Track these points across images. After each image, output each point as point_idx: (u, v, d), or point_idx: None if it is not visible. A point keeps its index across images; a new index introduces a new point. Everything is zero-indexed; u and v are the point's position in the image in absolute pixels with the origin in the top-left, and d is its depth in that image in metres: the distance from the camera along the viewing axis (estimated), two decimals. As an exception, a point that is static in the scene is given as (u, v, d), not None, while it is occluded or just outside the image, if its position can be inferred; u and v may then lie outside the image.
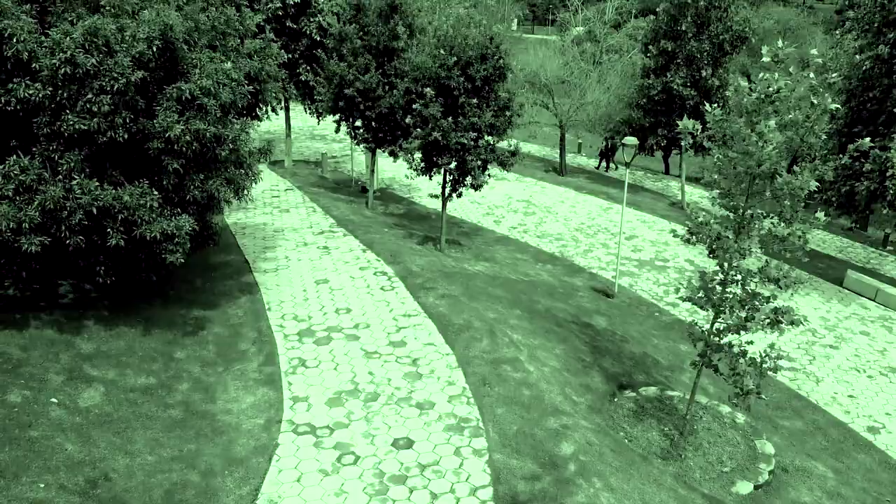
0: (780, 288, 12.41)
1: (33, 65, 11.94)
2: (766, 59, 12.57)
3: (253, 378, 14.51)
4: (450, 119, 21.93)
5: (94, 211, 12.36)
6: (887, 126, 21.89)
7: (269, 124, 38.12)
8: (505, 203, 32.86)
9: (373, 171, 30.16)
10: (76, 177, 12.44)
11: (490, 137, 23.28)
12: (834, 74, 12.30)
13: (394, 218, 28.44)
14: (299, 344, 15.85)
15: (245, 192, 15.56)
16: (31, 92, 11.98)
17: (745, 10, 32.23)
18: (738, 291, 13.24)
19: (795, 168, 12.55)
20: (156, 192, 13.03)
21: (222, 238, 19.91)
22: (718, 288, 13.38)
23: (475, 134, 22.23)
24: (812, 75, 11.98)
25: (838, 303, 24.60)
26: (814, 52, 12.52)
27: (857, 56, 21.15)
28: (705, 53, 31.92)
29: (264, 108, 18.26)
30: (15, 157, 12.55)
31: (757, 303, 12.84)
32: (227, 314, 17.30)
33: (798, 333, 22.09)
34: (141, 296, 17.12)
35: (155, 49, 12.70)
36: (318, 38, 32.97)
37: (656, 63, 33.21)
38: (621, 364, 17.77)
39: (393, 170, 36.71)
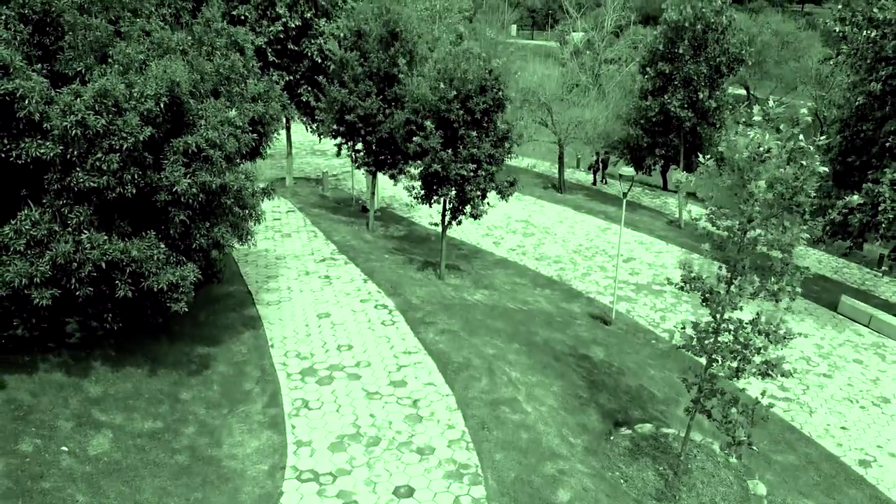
0: (770, 342, 12.76)
1: (45, 125, 12.28)
2: (756, 117, 12.90)
3: (257, 420, 14.86)
4: (449, 151, 22.27)
5: (103, 265, 12.72)
6: (879, 158, 22.24)
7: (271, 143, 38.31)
8: (504, 223, 33.20)
9: (373, 193, 30.49)
10: (86, 231, 12.78)
11: (489, 167, 23.62)
12: (822, 138, 12.62)
13: (394, 241, 28.78)
14: (302, 383, 16.20)
15: (249, 236, 15.89)
16: (42, 151, 12.32)
17: (741, 32, 32.54)
18: (731, 340, 13.57)
19: (786, 222, 12.89)
20: (162, 246, 13.38)
21: (225, 266, 20.23)
22: (712, 337, 13.72)
23: (474, 166, 22.57)
24: (802, 138, 12.31)
25: (832, 329, 24.95)
26: (804, 110, 12.85)
27: (849, 92, 21.49)
28: (702, 75, 32.26)
29: (267, 148, 18.56)
30: (27, 210, 12.89)
31: (748, 353, 13.18)
32: (231, 351, 17.64)
33: (793, 362, 22.43)
34: (147, 332, 17.45)
35: (162, 105, 13.04)
36: (319, 61, 33.35)
37: (654, 84, 33.56)
38: (617, 399, 18.12)
39: (393, 188, 37.00)
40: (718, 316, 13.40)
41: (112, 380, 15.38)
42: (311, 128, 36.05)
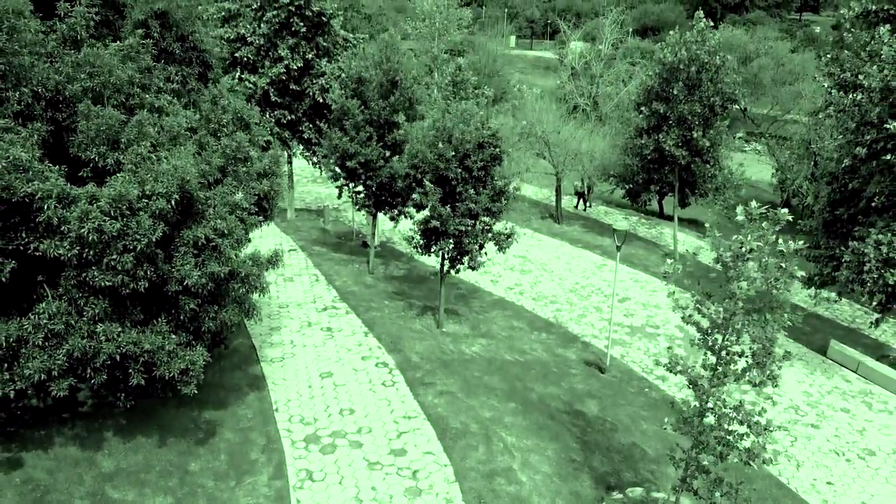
0: (752, 433, 13.41)
1: (62, 227, 12.92)
2: (740, 217, 13.55)
3: (263, 494, 15.49)
4: (448, 207, 22.90)
5: (118, 357, 13.37)
6: (866, 214, 22.86)
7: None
8: (501, 259, 33.82)
9: (373, 234, 31.11)
10: (101, 325, 13.43)
11: (487, 219, 24.25)
12: (800, 242, 13.26)
13: (394, 283, 29.40)
14: (306, 452, 16.84)
15: (255, 311, 16.53)
16: (60, 252, 12.96)
17: (734, 72, 33.14)
18: (715, 423, 14.19)
19: (767, 315, 13.53)
20: (173, 337, 14.03)
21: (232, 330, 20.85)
22: (697, 419, 14.35)
23: (472, 221, 23.20)
24: (781, 242, 12.96)
25: (821, 374, 25.59)
26: (784, 210, 13.49)
27: (836, 153, 22.11)
28: (696, 115, 32.85)
29: (271, 212, 19.13)
30: (45, 303, 13.54)
31: (732, 439, 13.83)
32: (237, 415, 18.27)
33: (782, 411, 23.08)
34: (155, 395, 18.08)
35: (173, 202, 13.67)
36: (321, 101, 33.99)
37: (648, 123, 34.15)
38: (610, 460, 18.76)
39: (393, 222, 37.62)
40: (702, 402, 14.03)
41: (124, 452, 16.02)
42: (312, 162, 36.75)
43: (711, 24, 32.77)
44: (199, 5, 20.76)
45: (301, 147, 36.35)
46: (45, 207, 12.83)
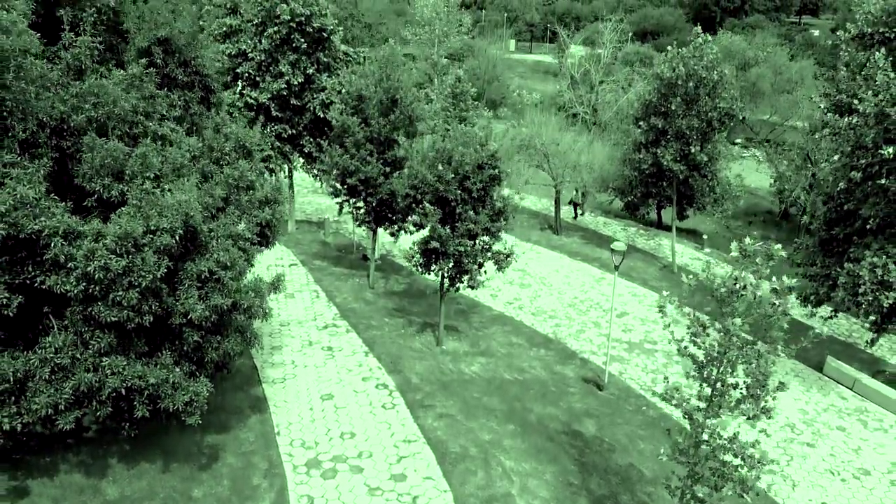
0: (746, 466, 13.65)
1: (69, 264, 13.15)
2: (734, 253, 13.79)
3: (265, 520, 15.74)
4: (447, 228, 23.14)
5: (123, 391, 13.62)
6: (861, 235, 23.10)
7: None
8: (501, 273, 33.99)
9: (373, 248, 31.34)
10: (106, 359, 13.68)
11: (487, 239, 24.48)
12: (794, 280, 13.50)
13: (394, 298, 29.64)
14: (307, 477, 17.08)
15: (256, 340, 16.78)
16: (66, 288, 13.21)
17: (732, 88, 33.37)
18: (709, 453, 14.42)
19: (761, 346, 13.76)
20: (177, 370, 14.28)
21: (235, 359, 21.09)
22: (692, 449, 14.59)
23: (472, 242, 23.44)
24: (776, 280, 13.20)
25: (818, 392, 25.82)
26: (777, 246, 13.73)
27: (831, 176, 22.35)
28: (694, 130, 33.09)
29: (273, 240, 19.37)
30: (51, 337, 13.79)
31: (726, 471, 14.07)
32: (239, 439, 18.52)
33: (778, 429, 23.31)
34: (159, 419, 18.33)
35: (178, 237, 13.91)
36: (322, 115, 34.24)
37: (647, 137, 34.38)
38: (608, 482, 19.00)
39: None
40: (697, 434, 14.27)
41: (128, 479, 16.27)
42: (312, 174, 37.00)
43: (708, 39, 32.91)
44: (201, 31, 20.96)
45: (302, 160, 36.62)
46: (52, 245, 13.07)
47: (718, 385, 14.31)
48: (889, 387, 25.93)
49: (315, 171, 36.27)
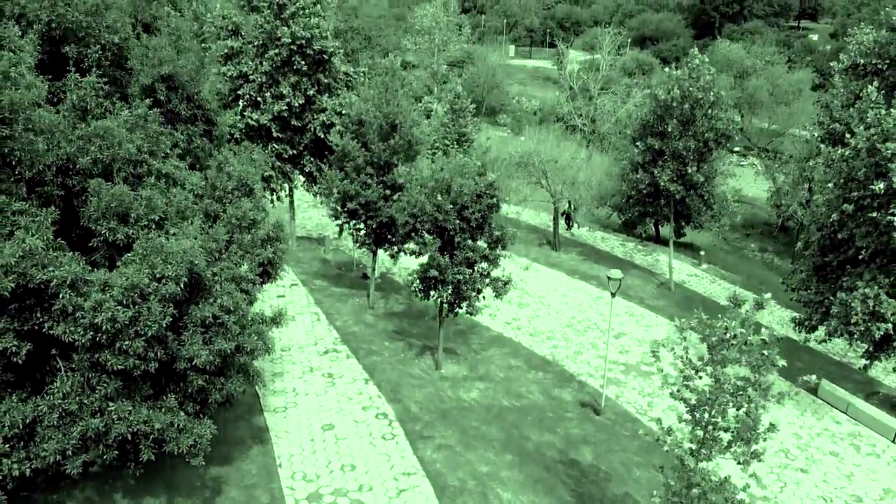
0: (734, 510, 14.01)
1: (77, 314, 13.49)
2: (725, 302, 14.12)
3: (268, 557, 16.08)
4: (446, 257, 23.48)
5: (129, 436, 13.97)
6: (854, 264, 23.45)
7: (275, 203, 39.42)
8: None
9: (373, 269, 31.66)
10: (113, 404, 14.02)
11: (485, 265, 24.81)
12: (781, 332, 13.83)
13: (394, 320, 29.96)
14: (309, 511, 17.44)
15: (258, 378, 17.12)
16: (74, 337, 13.55)
17: (730, 109, 33.70)
18: (699, 494, 14.76)
19: (750, 392, 14.12)
20: (182, 414, 14.63)
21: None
22: (684, 490, 14.94)
23: (470, 270, 23.78)
24: (765, 331, 13.56)
25: (812, 415, 26.16)
26: (767, 295, 14.09)
27: (824, 207, 22.68)
28: (691, 150, 33.40)
29: (275, 276, 19.68)
30: (58, 382, 14.12)
31: (717, 512, 14.43)
32: (242, 471, 18.85)
33: (772, 455, 23.64)
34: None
35: (182, 284, 14.25)
36: (322, 136, 34.57)
37: (644, 158, 34.71)
38: (603, 513, 19.37)
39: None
40: (689, 477, 14.61)
41: (133, 515, 16.61)
42: (313, 192, 37.35)
43: (705, 60, 33.24)
44: (202, 66, 21.29)
45: (303, 179, 36.95)
46: (61, 296, 13.40)
47: (709, 428, 14.68)
48: (883, 410, 26.31)
49: (316, 190, 36.62)
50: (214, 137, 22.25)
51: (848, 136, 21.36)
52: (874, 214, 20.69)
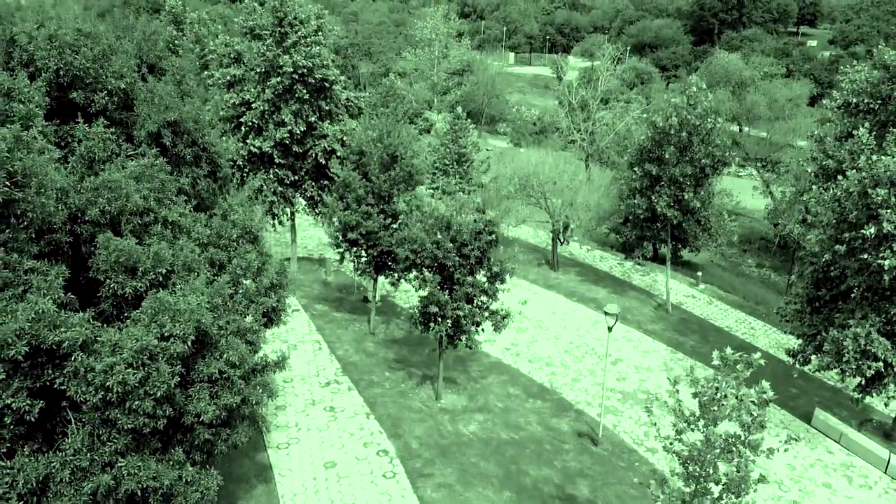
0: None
1: (88, 375, 13.93)
2: (716, 361, 14.57)
3: None
4: (446, 293, 23.91)
5: (139, 491, 14.40)
6: (845, 299, 23.86)
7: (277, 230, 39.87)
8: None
9: (374, 296, 32.09)
10: (122, 459, 14.45)
11: (485, 298, 25.23)
12: (771, 394, 14.26)
13: (394, 347, 30.39)
14: (312, 554, 17.89)
15: (263, 422, 17.56)
16: (85, 397, 13.98)
17: (725, 135, 34.10)
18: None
19: (741, 448, 14.55)
20: (190, 468, 15.07)
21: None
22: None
23: (469, 306, 24.21)
24: (754, 393, 13.99)
25: (805, 445, 26.58)
26: (757, 355, 14.51)
27: (816, 248, 23.09)
28: (688, 177, 33.80)
29: (278, 322, 20.09)
30: (69, 438, 14.56)
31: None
32: (246, 512, 19.31)
33: (765, 487, 24.08)
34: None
35: (190, 343, 14.69)
36: (324, 162, 35.01)
37: (641, 184, 35.10)
38: (599, 551, 19.81)
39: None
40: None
41: (141, 559, 17.02)
42: (315, 217, 37.81)
43: (703, 86, 33.64)
44: (208, 110, 21.73)
45: (304, 203, 37.39)
46: (73, 358, 13.83)
47: (700, 480, 15.12)
48: (876, 438, 26.75)
49: (317, 213, 37.07)
50: (219, 178, 22.69)
51: (840, 177, 21.77)
52: (865, 256, 21.11)
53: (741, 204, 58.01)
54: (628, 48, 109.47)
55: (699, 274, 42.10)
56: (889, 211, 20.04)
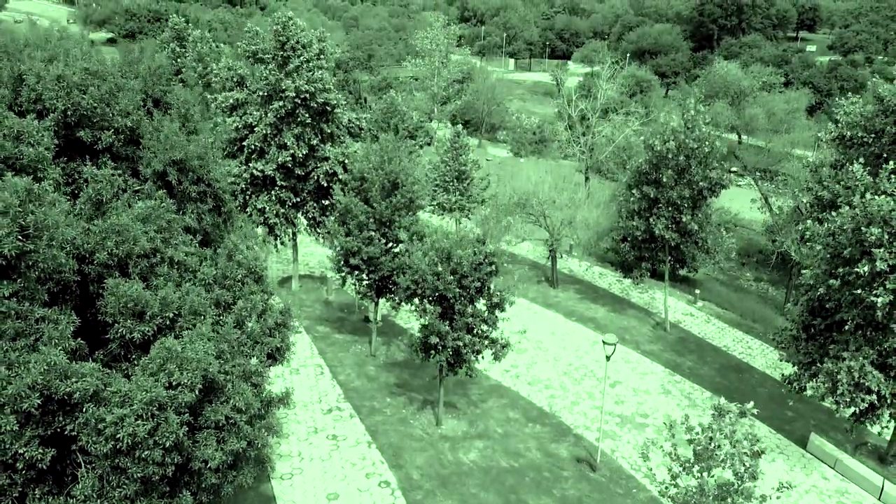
0: None
1: (99, 425, 14.31)
2: (711, 411, 14.96)
3: None
4: (446, 324, 24.28)
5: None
6: (839, 328, 24.21)
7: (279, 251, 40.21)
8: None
9: (375, 318, 32.46)
10: (131, 505, 14.88)
11: (485, 327, 25.60)
12: (762, 444, 14.66)
13: (395, 371, 30.76)
14: (315, 589, 18.27)
15: (270, 465, 17.95)
16: (96, 447, 14.37)
17: (721, 164, 34.46)
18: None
19: (735, 496, 14.95)
20: (197, 513, 15.50)
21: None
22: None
23: (469, 337, 24.59)
24: (746, 444, 14.39)
25: (801, 471, 26.94)
26: (750, 404, 14.90)
27: (812, 280, 23.44)
28: (685, 199, 34.13)
29: (282, 361, 20.47)
30: (80, 484, 14.95)
31: None
32: (251, 545, 19.70)
33: (761, 514, 24.48)
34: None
35: (197, 391, 15.07)
36: (326, 184, 35.37)
37: (639, 206, 35.45)
38: (597, 584, 20.20)
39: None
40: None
41: None
42: (316, 237, 38.20)
43: (700, 109, 33.97)
44: (213, 148, 22.11)
45: (305, 223, 37.75)
46: (84, 410, 14.22)
47: (696, 526, 15.52)
48: (871, 462, 27.11)
49: (318, 232, 37.47)
50: (223, 213, 23.09)
51: (834, 213, 22.14)
52: (859, 291, 21.48)
53: (740, 214, 58.41)
54: (628, 55, 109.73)
55: (697, 292, 42.47)
56: (882, 249, 20.41)
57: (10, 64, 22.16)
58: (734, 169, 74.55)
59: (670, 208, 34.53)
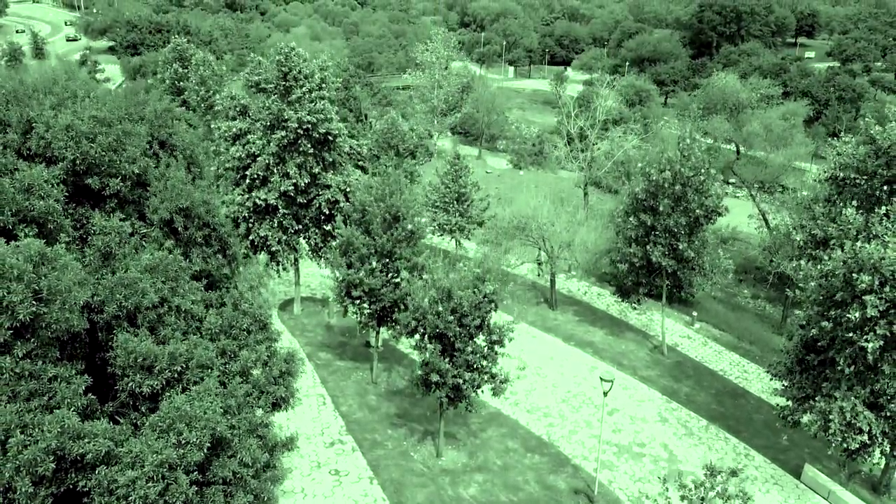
0: None
1: (111, 486, 14.79)
2: (703, 469, 15.43)
3: None
4: (447, 361, 24.75)
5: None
6: (832, 364, 24.68)
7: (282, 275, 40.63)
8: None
9: (376, 345, 32.92)
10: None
11: (485, 362, 26.05)
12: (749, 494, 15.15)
13: (396, 400, 31.23)
14: None
15: (270, 499, 18.41)
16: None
17: (718, 186, 34.91)
18: None
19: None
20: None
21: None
22: None
23: (470, 374, 25.05)
24: (733, 489, 14.87)
25: (795, 502, 27.41)
26: (741, 465, 15.38)
27: (804, 322, 23.93)
28: (682, 227, 34.57)
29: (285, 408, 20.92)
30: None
31: None
32: (256, 587, 20.13)
33: (755, 547, 24.97)
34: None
35: (205, 449, 15.53)
36: (327, 212, 35.82)
37: (637, 233, 35.88)
38: None
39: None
40: None
41: None
42: (317, 261, 38.66)
43: (697, 138, 34.41)
44: (217, 193, 22.56)
45: (307, 248, 38.19)
46: (97, 472, 14.68)
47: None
48: (864, 493, 27.57)
49: (320, 257, 37.94)
50: (228, 255, 23.54)
51: (826, 258, 22.60)
52: (851, 335, 21.93)
53: (738, 228, 58.76)
54: (627, 62, 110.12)
55: (695, 314, 42.90)
56: (873, 296, 20.87)
57: (18, 109, 22.59)
58: (731, 181, 75.13)
59: (667, 235, 34.99)
